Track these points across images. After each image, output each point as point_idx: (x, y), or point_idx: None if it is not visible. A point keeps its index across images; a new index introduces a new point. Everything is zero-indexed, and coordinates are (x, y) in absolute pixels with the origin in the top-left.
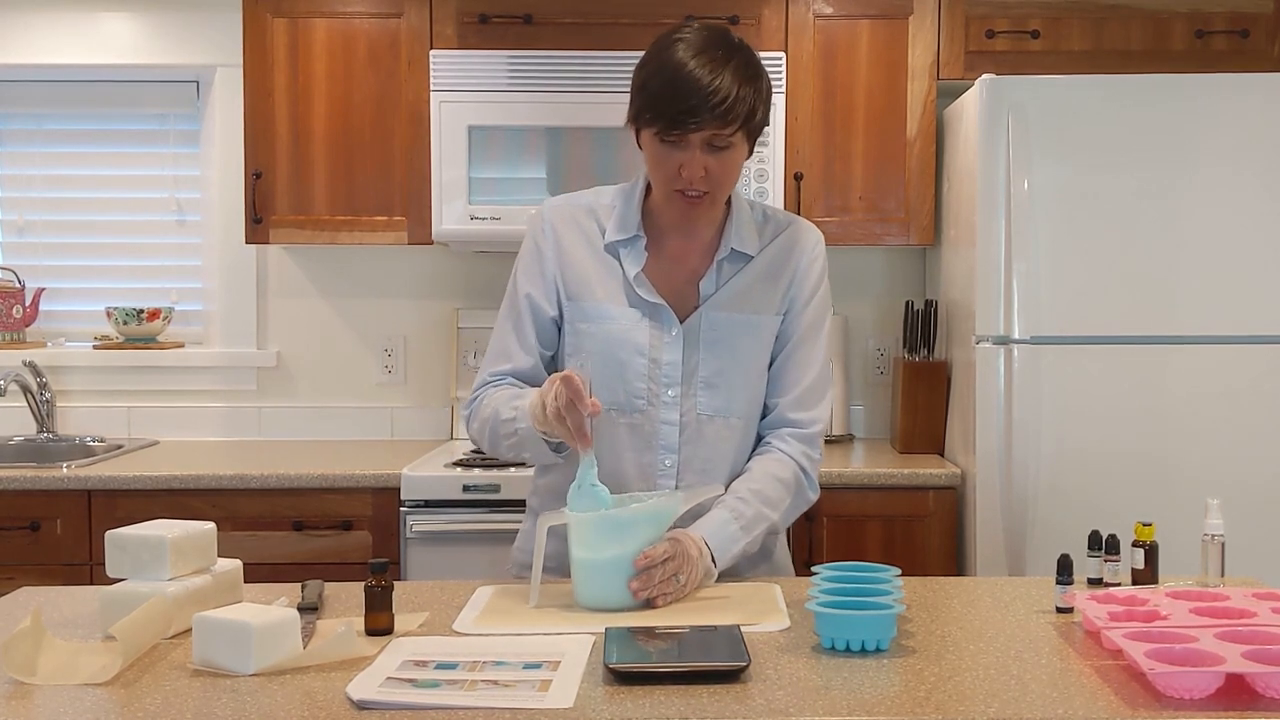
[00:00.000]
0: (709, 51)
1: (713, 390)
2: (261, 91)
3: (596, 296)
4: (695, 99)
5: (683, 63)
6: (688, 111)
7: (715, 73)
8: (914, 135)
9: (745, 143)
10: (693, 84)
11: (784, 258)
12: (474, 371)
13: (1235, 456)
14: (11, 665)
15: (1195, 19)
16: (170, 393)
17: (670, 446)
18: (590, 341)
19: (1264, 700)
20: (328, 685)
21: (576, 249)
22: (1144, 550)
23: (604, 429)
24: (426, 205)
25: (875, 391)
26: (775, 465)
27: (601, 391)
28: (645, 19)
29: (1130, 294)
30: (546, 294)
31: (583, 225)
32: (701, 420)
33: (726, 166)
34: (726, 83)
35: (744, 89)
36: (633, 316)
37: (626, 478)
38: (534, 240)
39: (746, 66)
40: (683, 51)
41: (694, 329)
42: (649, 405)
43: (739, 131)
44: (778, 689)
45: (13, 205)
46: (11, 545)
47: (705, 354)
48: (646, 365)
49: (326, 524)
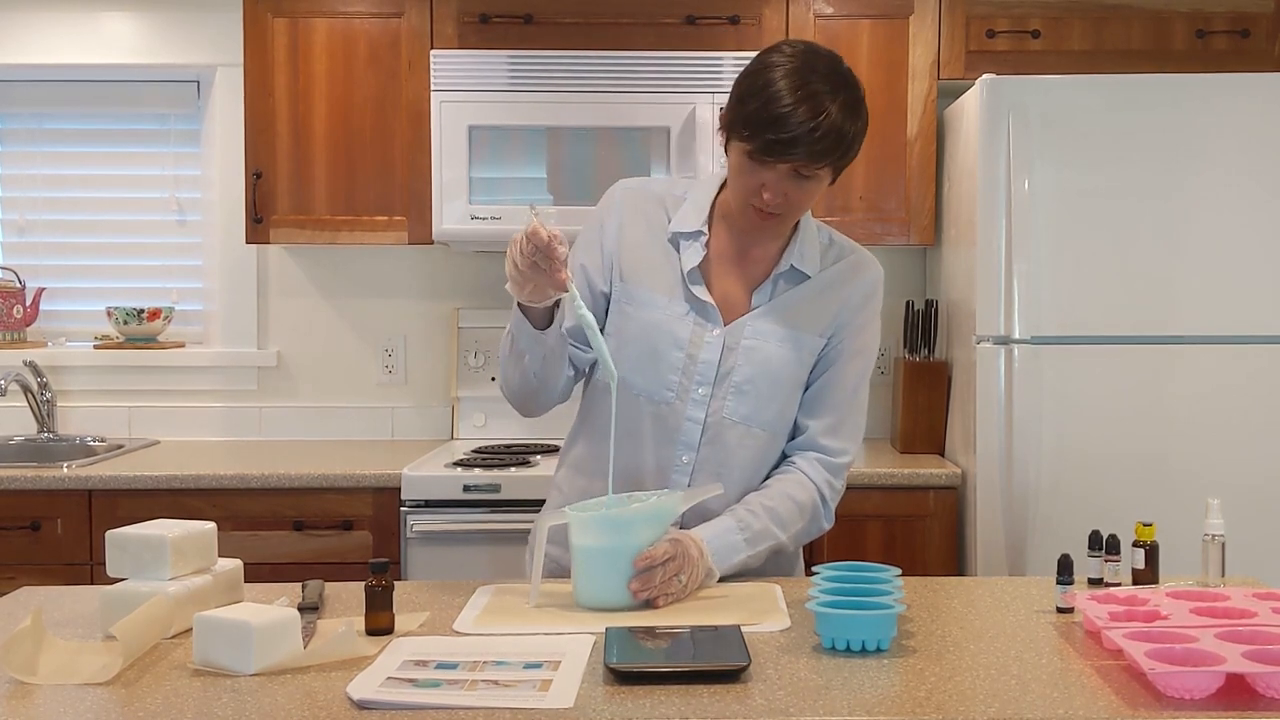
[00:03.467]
0: (815, 83)
1: (742, 396)
2: (262, 91)
3: (648, 283)
4: (795, 131)
5: (788, 91)
6: (786, 143)
7: (819, 109)
8: (914, 135)
9: (831, 174)
10: (794, 117)
11: (840, 283)
12: (474, 371)
13: (1235, 456)
14: (12, 665)
15: (1196, 19)
16: (171, 392)
17: (690, 444)
18: (632, 325)
19: (1264, 700)
20: (328, 685)
21: (638, 233)
22: (1144, 550)
23: (630, 407)
24: (427, 205)
25: (876, 391)
26: (795, 487)
27: (634, 376)
28: (645, 19)
29: (1131, 294)
30: (601, 268)
31: (650, 211)
32: (725, 424)
33: (808, 194)
34: (828, 122)
35: (845, 128)
36: (679, 309)
37: (643, 468)
38: (600, 217)
39: (851, 105)
40: (789, 77)
41: (736, 333)
42: (677, 399)
43: (827, 167)
44: (778, 689)
45: (13, 205)
46: (12, 545)
47: (742, 360)
48: (683, 360)
49: (327, 524)
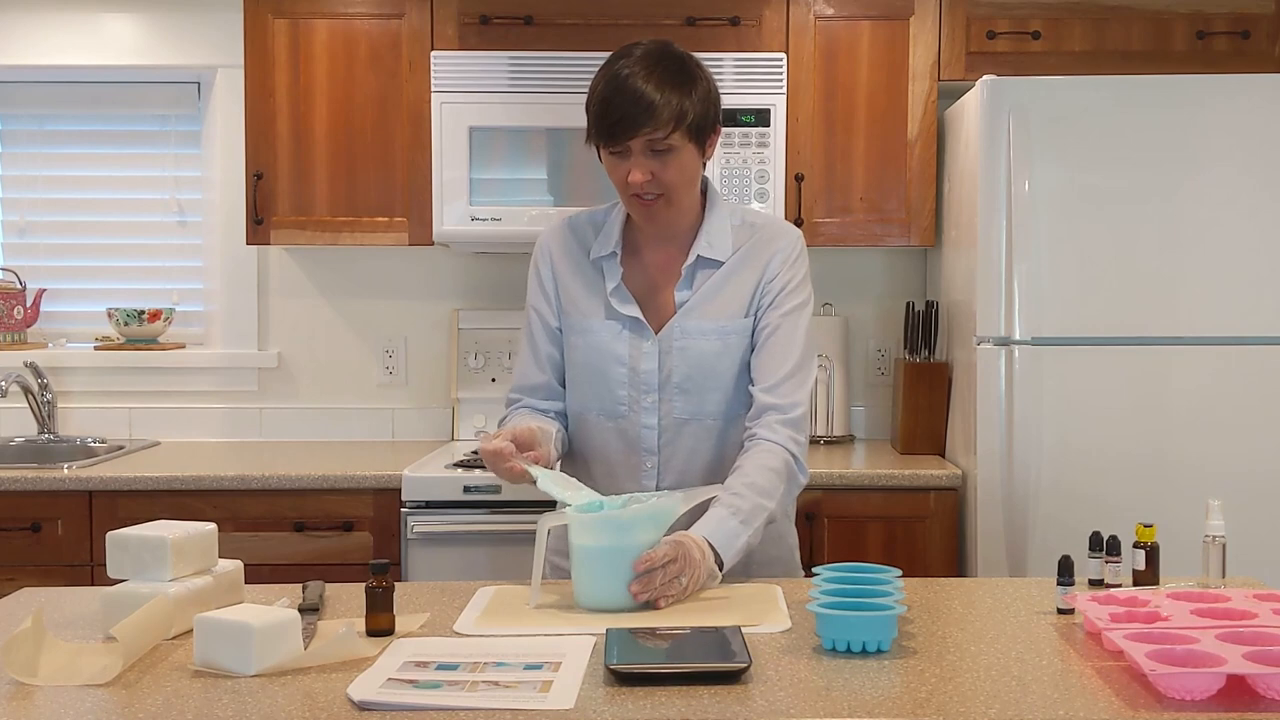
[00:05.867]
0: (639, 65)
1: (686, 395)
2: (262, 92)
3: (583, 311)
4: (623, 109)
5: (613, 78)
6: (618, 122)
7: (642, 82)
8: (915, 136)
9: (690, 143)
10: (620, 96)
11: (753, 259)
12: (474, 372)
13: (1235, 457)
14: (13, 666)
15: (1196, 20)
16: (171, 393)
17: (650, 448)
18: (578, 353)
19: (1265, 701)
20: (329, 686)
21: (567, 267)
22: (1145, 551)
23: (595, 431)
24: (427, 206)
25: (876, 392)
26: (765, 456)
27: (590, 399)
28: (645, 20)
29: (1131, 295)
30: (551, 310)
31: (572, 245)
32: (678, 423)
33: (671, 168)
34: (650, 89)
35: (669, 94)
36: (613, 329)
37: (617, 476)
38: (535, 263)
39: (676, 73)
40: (615, 69)
41: (668, 338)
42: (630, 411)
43: (675, 133)
44: (779, 690)
45: (14, 206)
46: (13, 546)
47: (678, 360)
48: (627, 374)
49: (327, 525)
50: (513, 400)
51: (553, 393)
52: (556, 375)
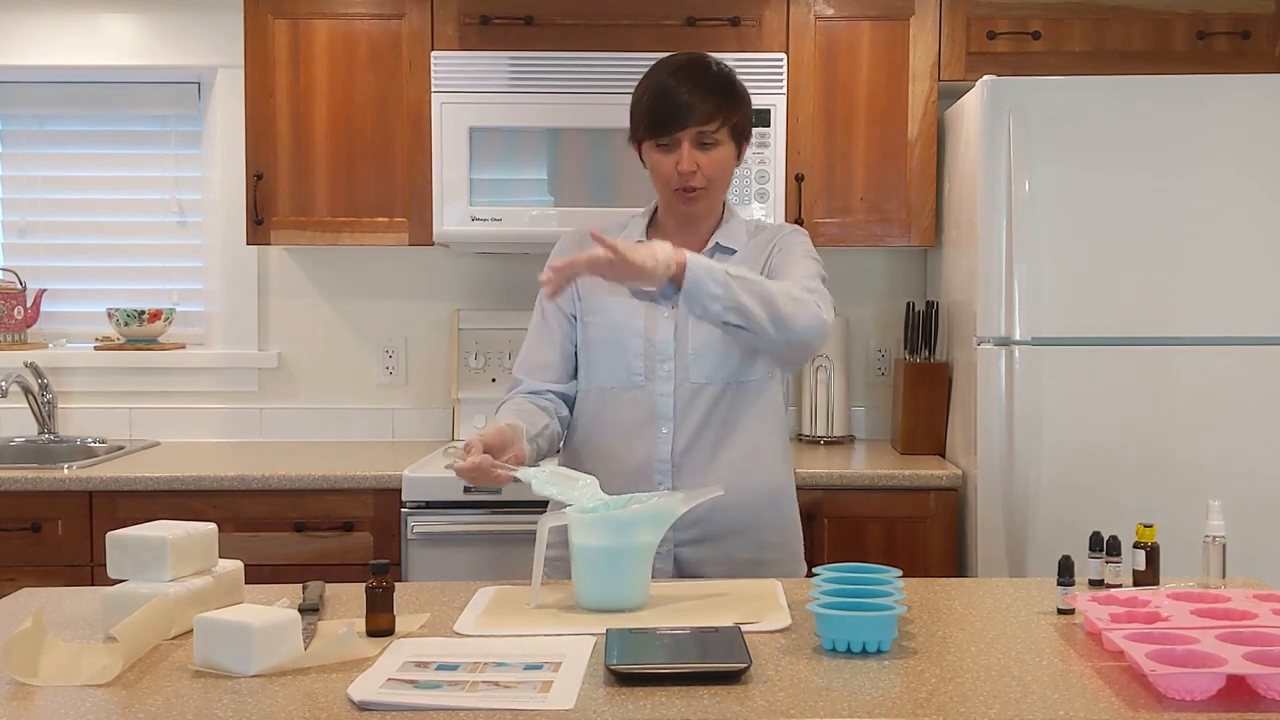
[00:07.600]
0: (687, 69)
1: (701, 360)
2: (263, 92)
3: (602, 293)
4: (678, 102)
5: (664, 79)
6: (672, 114)
7: (694, 81)
8: (915, 136)
9: (731, 142)
10: (673, 91)
11: (763, 246)
12: (475, 372)
13: (1236, 458)
14: (13, 666)
15: (1196, 20)
16: (171, 394)
17: (666, 415)
18: (595, 331)
19: (1265, 702)
20: (329, 686)
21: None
22: (1145, 552)
23: (611, 404)
24: (427, 206)
25: (876, 392)
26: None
27: (606, 374)
28: (646, 20)
29: (1132, 295)
30: (569, 294)
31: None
32: (693, 388)
33: (716, 161)
34: (703, 88)
35: (719, 94)
36: (632, 305)
37: (632, 445)
38: (553, 255)
39: (721, 77)
40: (665, 72)
41: (684, 309)
42: (646, 380)
43: (723, 128)
44: (779, 690)
45: (14, 206)
46: (13, 546)
47: (694, 328)
48: (643, 344)
49: (328, 525)
50: (516, 382)
51: (557, 372)
52: (563, 355)
